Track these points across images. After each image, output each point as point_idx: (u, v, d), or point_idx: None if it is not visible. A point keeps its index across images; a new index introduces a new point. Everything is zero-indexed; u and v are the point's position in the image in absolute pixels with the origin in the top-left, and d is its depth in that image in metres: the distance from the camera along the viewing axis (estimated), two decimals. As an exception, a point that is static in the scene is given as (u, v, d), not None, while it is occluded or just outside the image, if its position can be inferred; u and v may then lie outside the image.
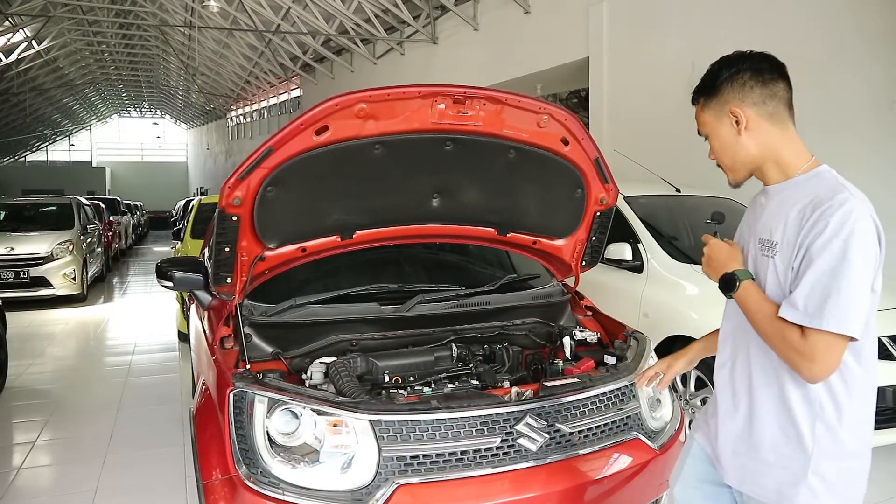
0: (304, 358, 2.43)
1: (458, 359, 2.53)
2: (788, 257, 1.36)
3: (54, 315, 8.46)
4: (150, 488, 3.41)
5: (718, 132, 1.49)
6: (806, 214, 1.33)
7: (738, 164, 1.49)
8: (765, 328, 1.37)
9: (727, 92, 1.46)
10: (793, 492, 1.38)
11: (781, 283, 1.38)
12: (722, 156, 1.51)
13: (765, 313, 1.37)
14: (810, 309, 1.28)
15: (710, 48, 7.21)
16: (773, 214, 1.44)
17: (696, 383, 3.79)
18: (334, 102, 2.00)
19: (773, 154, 1.45)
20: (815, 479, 1.37)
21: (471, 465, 1.93)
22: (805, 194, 1.38)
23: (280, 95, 27.06)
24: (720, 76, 1.48)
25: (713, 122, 1.50)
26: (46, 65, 26.53)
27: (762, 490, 1.44)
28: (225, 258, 2.27)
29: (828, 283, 1.27)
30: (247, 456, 1.88)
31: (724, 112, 1.47)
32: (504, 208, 2.60)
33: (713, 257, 1.51)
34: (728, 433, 1.52)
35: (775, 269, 1.39)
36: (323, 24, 16.40)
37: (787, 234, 1.37)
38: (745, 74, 1.44)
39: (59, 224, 9.71)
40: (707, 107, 1.51)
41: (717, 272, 1.48)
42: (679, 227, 4.78)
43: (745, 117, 1.44)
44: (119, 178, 48.17)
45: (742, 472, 1.48)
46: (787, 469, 1.40)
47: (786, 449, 1.40)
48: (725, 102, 1.46)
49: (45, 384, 5.45)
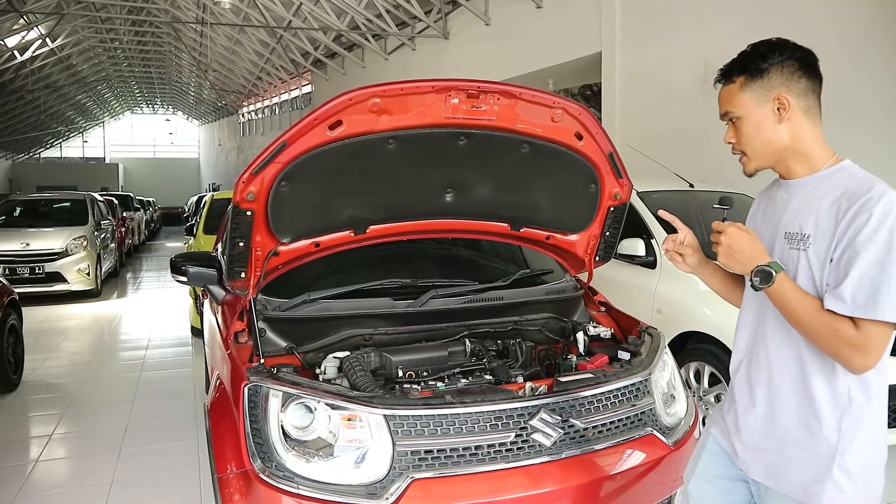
0: (318, 352, 2.43)
1: (471, 354, 2.52)
2: (825, 249, 1.34)
3: (69, 310, 8.54)
4: (165, 481, 3.44)
5: (756, 116, 1.44)
6: (842, 207, 1.32)
7: (767, 153, 1.46)
8: (810, 321, 1.33)
9: (775, 77, 1.41)
10: (818, 487, 1.38)
11: (815, 275, 1.36)
12: (753, 140, 1.46)
13: (808, 306, 1.33)
14: (860, 300, 1.27)
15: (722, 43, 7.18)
16: (800, 207, 1.42)
17: (709, 379, 3.77)
18: (348, 97, 1.99)
19: (802, 147, 1.43)
20: (841, 473, 1.36)
21: (485, 459, 1.93)
22: (835, 187, 1.37)
23: (291, 91, 27.13)
24: (769, 58, 1.42)
25: (752, 104, 1.44)
26: (60, 62, 26.74)
27: (787, 485, 1.43)
28: (239, 253, 2.28)
29: (877, 273, 1.26)
30: (261, 450, 1.89)
31: (768, 97, 1.42)
32: (517, 203, 2.59)
33: (735, 247, 1.41)
34: (750, 429, 1.51)
35: (808, 262, 1.37)
36: (334, 19, 16.42)
37: (820, 226, 1.36)
38: (794, 63, 1.41)
39: (73, 220, 9.79)
40: (748, 88, 1.44)
41: (743, 263, 1.40)
42: (692, 223, 4.72)
43: (791, 105, 1.41)
44: (132, 174, 48.50)
45: (767, 466, 1.47)
46: (810, 464, 1.39)
47: (810, 444, 1.39)
48: (772, 87, 1.42)
49: (60, 378, 5.51)
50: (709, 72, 7.16)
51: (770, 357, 1.47)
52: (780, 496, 1.45)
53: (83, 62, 29.58)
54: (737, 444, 1.55)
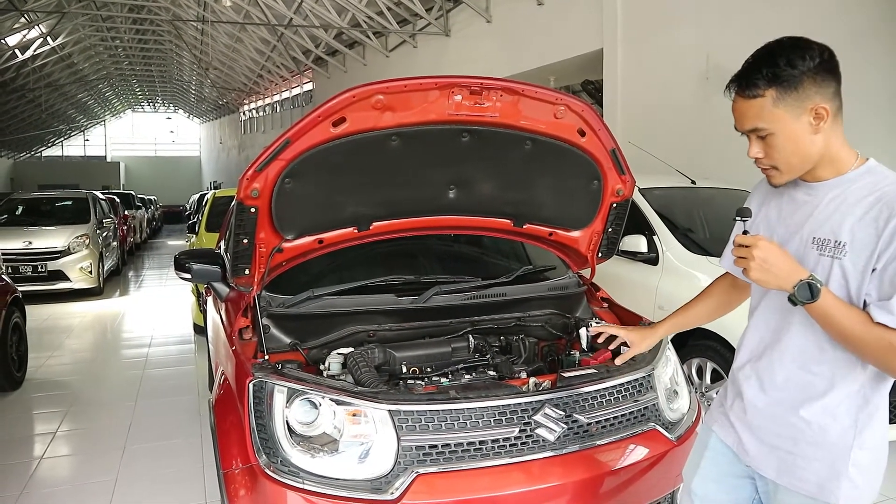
0: (322, 349, 2.44)
1: (474, 349, 2.54)
2: (865, 259, 1.29)
3: (72, 308, 8.56)
4: (169, 477, 3.46)
5: (792, 130, 1.32)
6: (882, 214, 1.27)
7: (805, 164, 1.36)
8: (860, 336, 1.27)
9: (809, 86, 1.30)
10: (835, 485, 1.37)
11: (851, 285, 1.31)
12: (789, 156, 1.35)
13: (856, 320, 1.28)
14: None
15: (724, 39, 7.16)
16: (831, 212, 1.36)
17: (711, 376, 3.78)
18: (351, 94, 2.00)
19: (832, 152, 1.36)
20: (854, 469, 1.37)
21: (489, 454, 1.93)
22: (867, 192, 1.33)
23: (292, 89, 27.12)
24: (800, 66, 1.29)
25: (788, 118, 1.32)
26: (61, 60, 26.73)
27: (802, 483, 1.41)
28: (243, 249, 2.29)
29: None
30: (266, 445, 1.90)
31: (804, 108, 1.31)
32: (520, 200, 2.59)
33: (771, 261, 1.31)
34: (762, 427, 1.49)
35: (842, 271, 1.32)
36: (335, 17, 16.41)
37: (857, 234, 1.30)
38: (822, 66, 1.30)
39: (75, 218, 9.81)
40: (782, 101, 1.31)
41: (781, 278, 1.31)
42: (694, 219, 4.75)
43: (829, 115, 1.31)
44: (133, 172, 48.56)
45: (780, 464, 1.45)
46: (826, 462, 1.38)
47: (825, 442, 1.38)
48: (807, 98, 1.30)
49: (63, 376, 5.52)
50: (710, 67, 7.16)
51: (787, 358, 1.43)
52: (793, 493, 1.43)
53: (84, 60, 29.58)
54: (747, 441, 1.52)
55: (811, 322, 1.37)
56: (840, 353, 1.37)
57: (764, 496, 1.54)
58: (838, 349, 1.36)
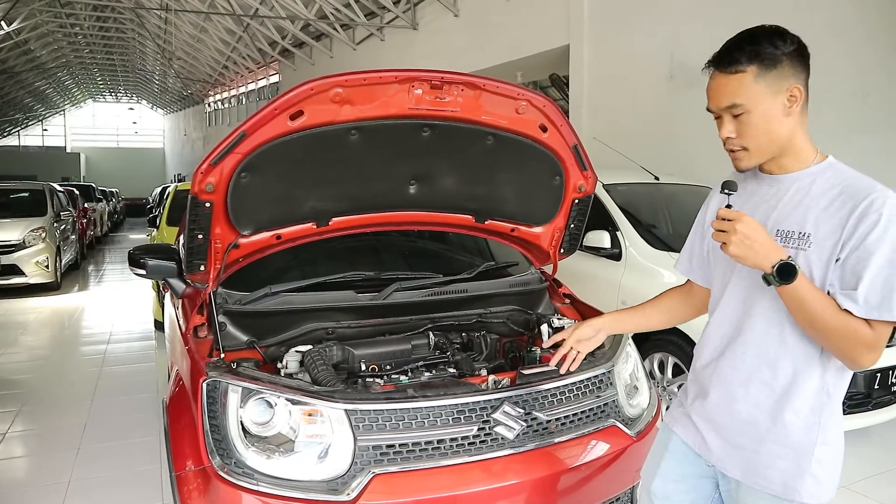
0: (280, 346, 2.40)
1: (435, 347, 2.52)
2: (829, 249, 1.31)
3: (27, 304, 8.31)
4: (125, 479, 3.37)
5: (766, 108, 1.35)
6: (846, 206, 1.30)
7: (772, 147, 1.38)
8: (828, 321, 1.29)
9: (787, 66, 1.33)
10: (799, 483, 1.38)
11: (815, 275, 1.33)
12: (760, 134, 1.37)
13: (827, 305, 1.29)
14: (874, 301, 1.26)
15: (688, 38, 7.23)
16: (795, 205, 1.38)
17: (673, 370, 3.82)
18: (309, 87, 1.96)
19: (797, 141, 1.39)
20: (818, 466, 1.38)
21: (447, 453, 1.92)
22: (829, 185, 1.35)
23: (259, 81, 26.72)
24: (781, 47, 1.33)
25: (766, 94, 1.34)
26: (17, 46, 25.93)
27: (767, 483, 1.42)
28: (198, 245, 2.23)
29: (889, 274, 1.25)
30: (220, 446, 1.85)
31: (781, 88, 1.34)
32: (482, 195, 2.58)
33: (753, 237, 1.29)
34: (724, 427, 1.49)
35: (807, 262, 1.34)
36: (302, 8, 16.20)
37: (821, 225, 1.33)
38: (798, 52, 1.35)
39: (31, 211, 9.49)
40: (762, 77, 1.33)
41: (762, 256, 1.29)
42: (658, 216, 4.80)
43: (801, 98, 1.35)
44: (94, 164, 47.36)
45: (746, 465, 1.45)
46: (791, 460, 1.39)
47: (790, 440, 1.39)
48: (786, 78, 1.33)
49: (17, 374, 5.35)
50: (675, 66, 7.24)
51: (749, 354, 1.44)
52: (757, 493, 1.43)
53: (42, 47, 28.72)
54: (711, 441, 1.52)
55: (773, 313, 1.39)
56: (801, 347, 1.37)
57: (725, 495, 1.54)
58: (800, 342, 1.37)
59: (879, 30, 5.28)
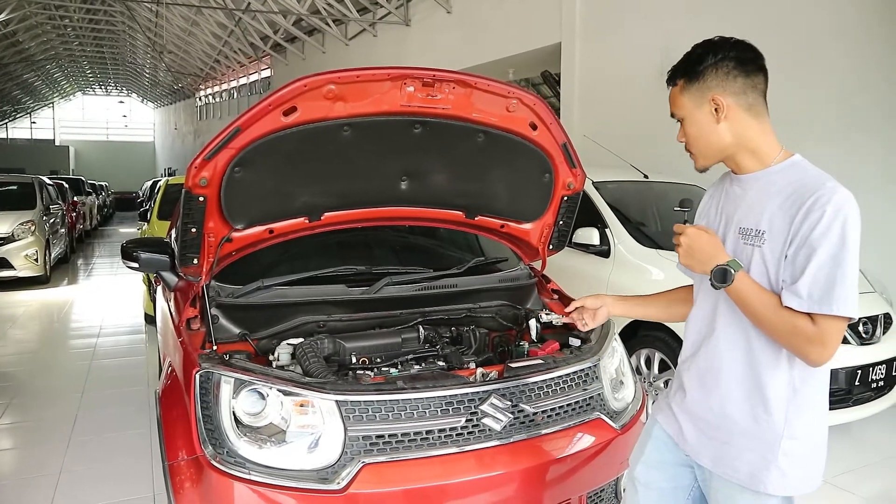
0: (272, 339, 2.43)
1: (424, 340, 2.55)
2: (780, 246, 1.37)
3: (16, 297, 8.28)
4: (116, 471, 3.39)
5: (695, 118, 1.48)
6: (794, 204, 1.36)
7: (712, 152, 1.49)
8: (769, 318, 1.37)
9: (710, 79, 1.44)
10: (764, 474, 1.43)
11: (770, 271, 1.39)
12: (696, 142, 1.50)
13: (767, 303, 1.37)
14: (816, 296, 1.31)
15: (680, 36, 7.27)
16: (754, 203, 1.45)
17: (659, 365, 3.88)
18: (303, 83, 1.98)
19: (748, 144, 1.46)
20: (784, 459, 1.42)
21: (436, 444, 1.96)
22: (786, 183, 1.41)
23: (250, 76, 26.62)
24: (704, 61, 1.45)
25: (691, 106, 1.48)
26: (5, 38, 25.69)
27: (735, 473, 1.48)
28: (192, 239, 2.25)
29: (831, 269, 1.30)
30: (213, 436, 1.88)
31: (704, 99, 1.45)
32: (472, 192, 2.61)
33: (695, 248, 1.46)
34: (700, 418, 1.55)
35: (762, 258, 1.40)
36: (294, 3, 16.14)
37: (774, 223, 1.39)
38: (729, 63, 1.43)
39: (20, 204, 9.43)
40: (687, 90, 1.48)
41: (703, 263, 1.45)
42: (646, 213, 4.85)
43: (726, 106, 1.43)
44: (83, 157, 46.99)
45: (715, 454, 1.52)
46: (757, 452, 1.44)
47: (757, 433, 1.44)
48: (707, 89, 1.45)
49: (7, 367, 5.34)
50: (665, 64, 7.26)
51: (721, 350, 1.50)
52: (725, 482, 1.49)
53: (30, 39, 28.46)
54: (687, 431, 1.58)
55: (738, 313, 1.45)
56: (765, 344, 1.43)
57: (702, 483, 1.61)
58: (763, 340, 1.43)
59: (879, 30, 5.33)
